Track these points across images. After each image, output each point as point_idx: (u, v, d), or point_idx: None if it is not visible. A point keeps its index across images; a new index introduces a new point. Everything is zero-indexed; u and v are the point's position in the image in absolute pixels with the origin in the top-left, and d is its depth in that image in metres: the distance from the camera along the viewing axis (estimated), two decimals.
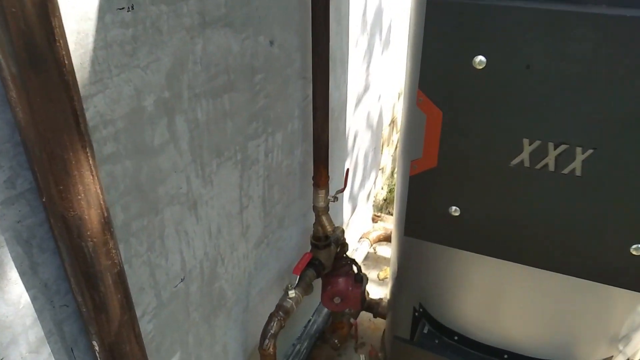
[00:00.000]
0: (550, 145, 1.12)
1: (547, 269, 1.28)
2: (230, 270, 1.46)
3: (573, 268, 1.25)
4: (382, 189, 3.42)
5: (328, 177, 1.66)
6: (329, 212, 1.74)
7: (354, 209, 2.59)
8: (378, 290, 2.70)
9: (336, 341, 2.19)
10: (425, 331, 1.66)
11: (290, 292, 1.59)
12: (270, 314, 1.56)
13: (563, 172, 1.13)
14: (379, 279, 2.78)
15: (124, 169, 0.98)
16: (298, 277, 1.63)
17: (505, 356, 1.54)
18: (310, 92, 1.63)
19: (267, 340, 1.51)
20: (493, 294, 1.49)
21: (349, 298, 1.94)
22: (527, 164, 1.16)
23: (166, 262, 1.17)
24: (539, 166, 1.15)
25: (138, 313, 1.11)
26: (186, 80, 1.09)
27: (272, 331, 1.51)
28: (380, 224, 3.22)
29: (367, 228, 3.02)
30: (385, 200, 3.51)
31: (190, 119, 1.13)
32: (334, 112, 1.97)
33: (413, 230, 1.39)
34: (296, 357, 2.07)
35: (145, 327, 1.15)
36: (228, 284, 1.47)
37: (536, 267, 1.29)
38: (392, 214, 3.39)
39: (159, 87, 1.02)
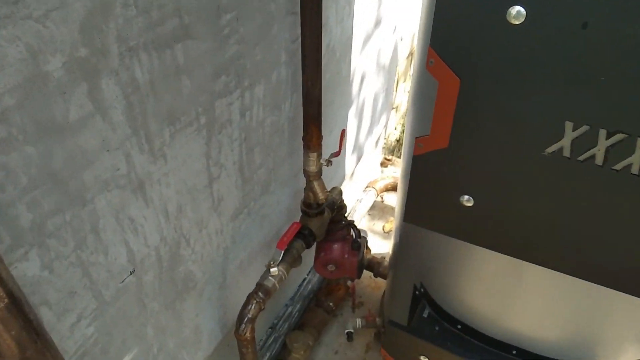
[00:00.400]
0: (602, 132, 0.83)
1: (577, 277, 1.04)
2: (198, 250, 1.25)
3: (610, 280, 1.01)
4: (394, 129, 3.12)
5: (320, 137, 1.40)
6: (321, 176, 1.49)
7: (359, 158, 2.33)
8: (382, 245, 2.51)
9: (331, 304, 2.04)
10: (425, 315, 1.47)
11: (272, 270, 1.39)
12: (249, 295, 1.37)
13: (614, 167, 0.85)
14: (384, 231, 2.59)
15: (24, 158, 0.74)
16: (282, 251, 1.42)
17: (514, 352, 1.36)
18: None
19: (243, 325, 1.34)
20: (506, 284, 1.27)
21: (344, 266, 1.74)
22: (566, 153, 0.88)
23: (106, 258, 0.96)
24: (582, 157, 0.87)
25: (72, 319, 0.93)
26: (114, 31, 0.81)
27: (249, 315, 1.34)
28: (390, 169, 2.96)
29: (374, 175, 2.77)
30: (398, 141, 3.22)
31: (125, 82, 0.86)
32: (334, 52, 1.65)
33: (414, 217, 1.15)
34: (287, 319, 1.93)
35: (85, 331, 0.97)
36: (197, 264, 1.27)
37: (563, 272, 1.05)
38: None
39: (69, 44, 0.74)
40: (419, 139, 1.00)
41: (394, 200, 2.75)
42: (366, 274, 2.30)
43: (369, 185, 2.60)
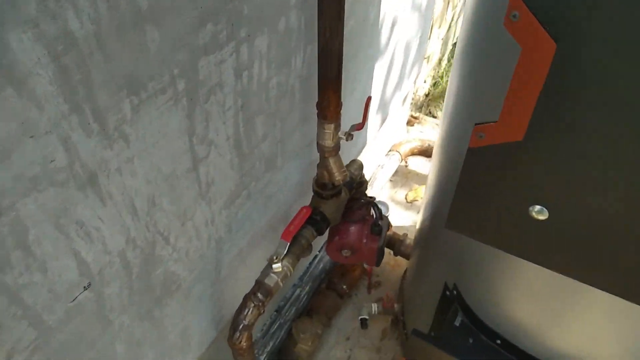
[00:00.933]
0: None
1: None
2: (182, 247, 1.01)
3: None
4: (424, 82, 2.76)
5: (339, 104, 1.10)
6: (339, 151, 1.21)
7: (383, 119, 2.02)
8: (404, 216, 2.25)
9: (344, 287, 1.82)
10: (457, 324, 1.23)
11: (275, 266, 1.15)
12: (245, 297, 1.14)
13: None
14: (407, 201, 2.32)
15: None
16: (288, 243, 1.17)
17: None
18: None
19: (238, 333, 1.11)
20: (562, 302, 1.01)
21: (361, 252, 1.49)
22: None
23: (44, 276, 0.71)
24: None
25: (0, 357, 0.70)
26: None
27: (245, 322, 1.11)
28: (416, 127, 2.64)
29: (399, 137, 2.46)
30: (427, 95, 2.87)
31: (52, 36, 0.57)
32: None
33: (461, 225, 0.87)
34: (295, 303, 1.72)
35: None
36: (180, 263, 1.02)
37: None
38: (433, 115, 2.79)
39: None
40: (480, 126, 0.71)
41: (419, 165, 2.46)
42: (385, 250, 2.06)
43: (393, 148, 2.30)
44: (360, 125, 1.17)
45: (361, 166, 1.47)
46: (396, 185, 2.38)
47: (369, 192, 2.15)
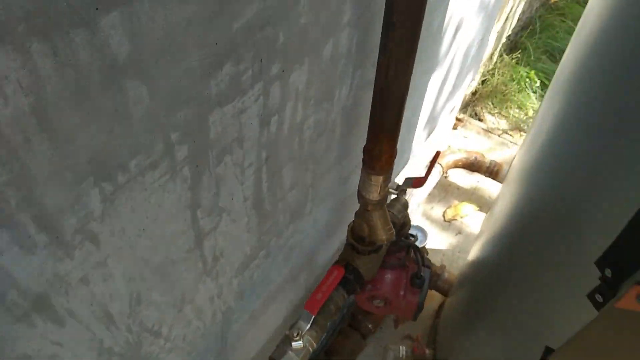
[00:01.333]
0: None
1: None
2: (178, 334, 0.78)
3: None
4: (472, 79, 2.44)
5: (394, 154, 0.84)
6: (385, 205, 0.95)
7: (430, 132, 1.74)
8: (441, 238, 2.00)
9: (370, 326, 1.59)
10: None
11: (295, 344, 0.92)
12: None
13: None
14: (445, 219, 2.06)
15: None
16: (313, 316, 0.94)
17: None
18: None
19: None
20: None
21: (397, 305, 1.26)
22: None
23: None
24: None
25: None
26: None
27: None
28: (459, 132, 2.34)
29: (442, 145, 2.17)
30: (474, 94, 2.56)
31: None
32: None
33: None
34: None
35: None
36: (175, 351, 0.80)
37: None
38: (479, 118, 2.49)
39: None
40: None
41: (460, 177, 2.19)
42: None
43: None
44: (421, 182, 0.91)
45: (406, 205, 1.22)
46: (433, 199, 2.11)
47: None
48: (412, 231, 1.78)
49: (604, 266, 0.59)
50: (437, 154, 0.90)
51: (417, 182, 0.91)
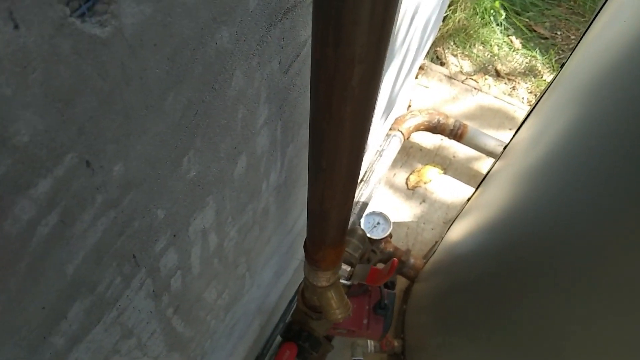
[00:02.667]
0: None
1: None
2: None
3: None
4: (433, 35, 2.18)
5: (341, 256, 0.67)
6: (338, 282, 0.80)
7: (388, 114, 1.54)
8: (404, 209, 1.88)
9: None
10: None
11: None
12: None
13: None
14: (408, 187, 1.93)
15: None
16: None
17: None
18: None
19: None
20: None
21: (361, 334, 1.17)
22: None
23: None
24: None
25: None
26: None
27: None
28: (421, 81, 2.13)
29: (402, 108, 1.98)
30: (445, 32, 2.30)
31: None
32: None
33: None
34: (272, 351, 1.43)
35: None
36: None
37: None
38: (441, 62, 2.27)
39: None
40: None
41: (423, 137, 2.03)
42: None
43: (394, 126, 1.84)
44: (375, 279, 0.75)
45: (363, 238, 1.07)
46: (395, 165, 1.97)
47: (364, 189, 1.76)
48: (373, 218, 1.66)
49: None
50: (394, 262, 0.74)
51: (372, 277, 0.76)
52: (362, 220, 1.59)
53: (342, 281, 0.76)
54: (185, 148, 0.40)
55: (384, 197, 1.90)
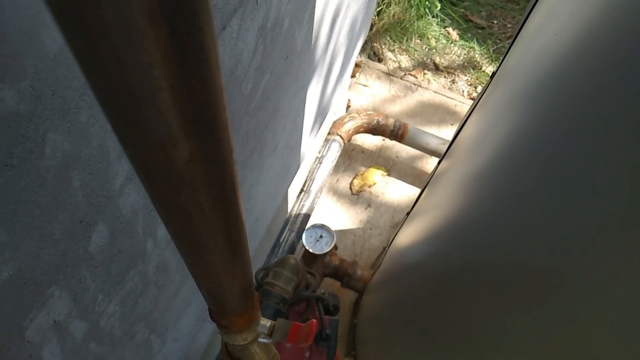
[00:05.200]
0: None
1: None
2: None
3: None
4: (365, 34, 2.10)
5: (253, 320, 0.57)
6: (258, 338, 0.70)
7: (321, 123, 1.45)
8: (349, 215, 1.80)
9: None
10: None
11: None
12: None
13: None
14: (352, 192, 1.85)
15: None
16: None
17: None
18: None
19: None
20: None
21: None
22: None
23: None
24: None
25: None
26: None
27: None
28: (360, 79, 2.05)
29: (340, 110, 1.89)
30: (371, 29, 2.23)
31: None
32: (281, 25, 0.68)
33: None
34: None
35: None
36: None
37: None
38: (378, 58, 2.19)
39: None
40: None
41: (364, 138, 1.95)
42: (329, 281, 1.65)
43: (332, 130, 1.75)
44: (297, 338, 0.66)
45: (296, 267, 0.98)
46: (338, 170, 1.88)
47: (305, 200, 1.66)
48: (315, 231, 1.56)
49: None
50: (313, 324, 0.65)
51: (293, 335, 0.66)
52: (304, 235, 1.50)
53: (261, 340, 0.66)
54: None
55: (327, 206, 1.81)
